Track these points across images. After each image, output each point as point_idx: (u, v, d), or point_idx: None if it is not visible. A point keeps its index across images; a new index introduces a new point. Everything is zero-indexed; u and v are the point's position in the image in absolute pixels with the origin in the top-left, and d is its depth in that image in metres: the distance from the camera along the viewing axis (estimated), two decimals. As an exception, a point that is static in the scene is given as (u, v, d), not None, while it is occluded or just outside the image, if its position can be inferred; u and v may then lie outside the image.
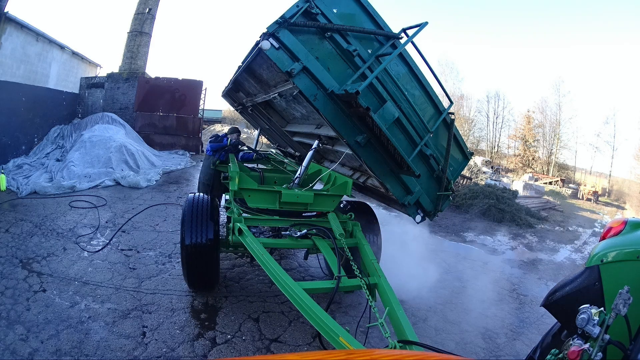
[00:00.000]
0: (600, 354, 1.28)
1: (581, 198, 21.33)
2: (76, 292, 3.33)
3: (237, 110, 7.53)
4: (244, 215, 3.25)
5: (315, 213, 3.63)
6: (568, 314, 1.65)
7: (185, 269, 3.22)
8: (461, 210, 10.17)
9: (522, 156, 31.32)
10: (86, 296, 3.28)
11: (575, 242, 8.76)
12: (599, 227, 11.61)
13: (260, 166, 5.65)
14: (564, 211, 14.12)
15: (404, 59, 3.04)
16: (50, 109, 10.90)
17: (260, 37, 2.56)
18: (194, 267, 3.15)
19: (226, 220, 3.44)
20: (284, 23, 2.51)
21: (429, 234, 6.97)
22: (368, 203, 4.40)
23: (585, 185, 23.53)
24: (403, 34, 2.94)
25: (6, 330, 2.67)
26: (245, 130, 24.55)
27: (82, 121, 11.55)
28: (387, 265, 3.59)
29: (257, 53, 3.03)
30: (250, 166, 5.30)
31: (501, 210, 9.71)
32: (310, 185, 3.79)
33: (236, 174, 3.32)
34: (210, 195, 3.46)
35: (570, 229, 10.59)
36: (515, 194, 12.48)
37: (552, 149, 31.07)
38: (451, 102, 3.46)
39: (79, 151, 8.75)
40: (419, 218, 3.53)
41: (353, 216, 3.52)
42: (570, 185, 24.13)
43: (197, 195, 3.41)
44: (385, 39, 2.92)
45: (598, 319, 1.34)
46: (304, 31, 2.63)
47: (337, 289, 2.42)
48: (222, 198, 4.91)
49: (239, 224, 2.99)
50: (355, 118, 2.85)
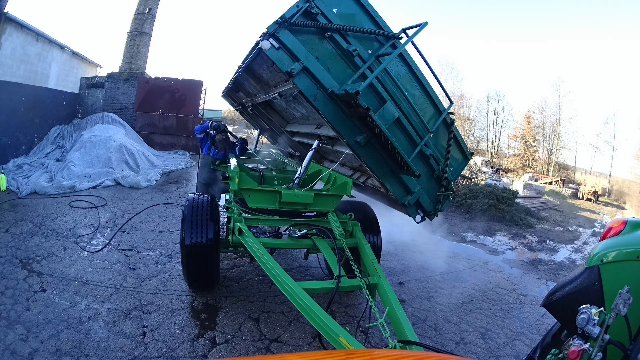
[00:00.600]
0: (600, 354, 1.28)
1: (581, 198, 21.33)
2: (76, 292, 3.33)
3: (237, 110, 7.53)
4: (244, 215, 3.25)
5: (315, 213, 3.63)
6: (568, 314, 1.65)
7: (185, 269, 3.22)
8: (461, 210, 10.18)
9: (522, 156, 31.32)
10: (86, 296, 3.28)
11: (575, 242, 8.76)
12: (599, 227, 11.61)
13: (260, 166, 5.65)
14: (564, 211, 14.12)
15: (404, 59, 3.04)
16: (50, 109, 10.90)
17: (260, 37, 2.56)
18: (194, 267, 3.15)
19: (226, 220, 3.44)
20: (284, 23, 2.51)
21: (430, 234, 6.98)
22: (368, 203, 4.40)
23: (585, 185, 23.51)
24: (403, 34, 2.94)
25: (6, 330, 2.67)
26: (245, 130, 24.57)
27: (82, 121, 11.55)
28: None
29: (257, 53, 3.03)
30: (250, 166, 5.30)
31: (501, 210, 9.72)
32: (310, 185, 3.79)
33: (236, 174, 3.31)
34: (209, 195, 3.46)
35: (570, 229, 10.59)
36: (515, 194, 12.48)
37: (552, 149, 31.08)
38: (451, 102, 3.46)
39: (79, 151, 8.75)
40: (419, 218, 3.53)
41: (353, 216, 3.52)
42: (570, 185, 24.13)
43: (197, 195, 3.41)
44: (385, 39, 2.92)
45: (598, 319, 1.34)
46: (304, 31, 2.63)
47: (337, 289, 2.42)
48: (221, 198, 4.91)
49: (239, 224, 2.99)
50: (355, 118, 2.84)
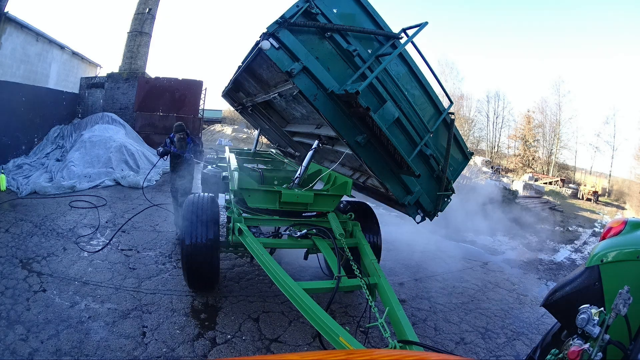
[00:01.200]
0: (600, 354, 1.28)
1: (581, 198, 21.33)
2: (76, 292, 3.33)
3: (237, 110, 7.53)
4: (244, 215, 3.25)
5: (315, 213, 3.63)
6: (568, 314, 1.65)
7: (185, 269, 3.22)
8: (461, 210, 10.16)
9: (522, 156, 31.31)
10: (86, 296, 3.28)
11: (575, 242, 8.76)
12: (599, 227, 11.61)
13: (260, 166, 5.65)
14: (564, 211, 14.11)
15: (404, 59, 3.03)
16: (50, 109, 10.90)
17: (260, 37, 2.56)
18: (194, 267, 3.15)
19: (226, 220, 3.44)
20: (284, 23, 2.51)
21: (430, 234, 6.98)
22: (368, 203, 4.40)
23: (585, 185, 23.51)
24: (403, 34, 2.94)
25: (6, 330, 2.67)
26: (245, 130, 24.56)
27: (82, 121, 11.55)
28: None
29: (257, 53, 3.03)
30: (250, 166, 5.29)
31: (501, 210, 9.72)
32: (310, 185, 3.79)
33: (236, 174, 3.32)
34: (209, 195, 3.46)
35: (570, 229, 10.59)
36: (515, 193, 12.48)
37: (552, 149, 31.07)
38: (451, 102, 3.46)
39: (79, 151, 8.75)
40: (418, 218, 3.53)
41: (353, 216, 3.52)
42: (570, 185, 24.13)
43: (197, 195, 3.41)
44: (385, 39, 2.92)
45: (598, 319, 1.35)
46: (304, 31, 2.63)
47: (337, 289, 2.42)
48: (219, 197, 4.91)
49: (239, 224, 2.99)
50: (355, 118, 2.84)
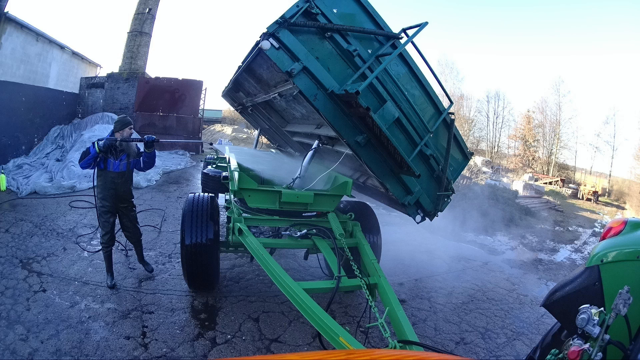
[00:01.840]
0: (600, 354, 1.28)
1: (581, 198, 21.33)
2: (76, 292, 3.33)
3: (237, 110, 7.53)
4: (244, 215, 3.25)
5: (315, 213, 3.63)
6: (568, 314, 1.65)
7: (185, 269, 3.22)
8: (461, 210, 10.16)
9: (522, 156, 31.31)
10: (86, 296, 3.28)
11: (575, 242, 8.76)
12: (599, 227, 11.61)
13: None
14: (564, 211, 14.12)
15: (404, 59, 3.03)
16: (50, 109, 10.91)
17: (260, 37, 2.56)
18: (194, 267, 3.16)
19: (226, 220, 3.44)
20: (284, 23, 2.51)
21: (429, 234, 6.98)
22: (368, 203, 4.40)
23: (585, 185, 23.51)
24: (403, 34, 2.94)
25: (6, 330, 2.67)
26: (245, 130, 24.55)
27: (82, 121, 11.56)
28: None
29: (257, 53, 3.03)
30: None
31: (501, 210, 9.72)
32: (310, 185, 3.78)
33: (236, 174, 3.32)
34: (209, 195, 3.46)
35: (570, 229, 10.59)
36: (515, 194, 12.49)
37: (552, 149, 31.06)
38: (451, 102, 3.46)
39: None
40: (419, 218, 3.53)
41: (353, 216, 3.52)
42: (570, 185, 24.13)
43: (197, 195, 3.41)
44: (385, 39, 2.92)
45: (598, 319, 1.35)
46: (304, 31, 2.63)
47: (337, 289, 2.42)
48: (220, 197, 4.91)
49: (239, 224, 2.99)
50: (355, 118, 2.84)
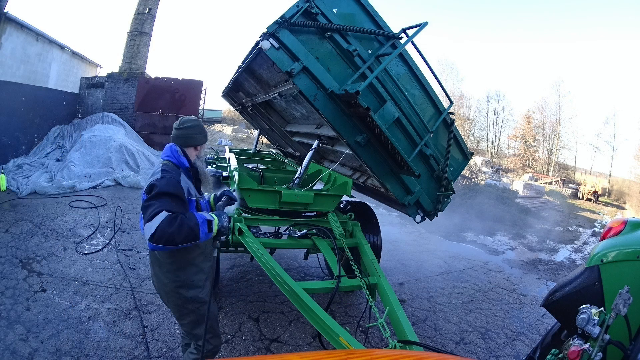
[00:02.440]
0: (600, 354, 1.28)
1: (581, 198, 21.35)
2: (76, 292, 3.33)
3: (237, 110, 7.53)
4: (244, 215, 3.25)
5: (315, 213, 3.63)
6: (568, 314, 1.65)
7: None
8: (461, 210, 10.17)
9: (522, 156, 31.33)
10: (86, 296, 3.28)
11: (575, 242, 8.76)
12: (599, 227, 11.61)
13: (260, 166, 5.65)
14: (564, 211, 14.12)
15: (404, 59, 3.03)
16: (50, 109, 10.90)
17: (260, 37, 2.56)
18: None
19: (226, 220, 3.43)
20: (284, 23, 2.51)
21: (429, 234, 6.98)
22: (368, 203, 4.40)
23: (585, 185, 23.52)
24: (403, 34, 2.94)
25: (6, 330, 2.67)
26: (245, 130, 24.56)
27: (82, 121, 11.55)
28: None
29: (257, 53, 3.03)
30: (250, 166, 5.29)
31: (501, 210, 9.73)
32: (310, 185, 3.78)
33: (236, 174, 3.32)
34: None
35: (570, 229, 10.59)
36: (515, 194, 12.49)
37: (552, 149, 31.09)
38: (451, 102, 3.45)
39: (79, 151, 8.75)
40: (418, 218, 3.53)
41: (353, 216, 3.52)
42: (570, 185, 24.15)
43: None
44: (385, 39, 2.92)
45: (598, 319, 1.35)
46: (304, 31, 2.63)
47: (337, 289, 2.42)
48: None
49: (239, 224, 2.98)
50: (355, 118, 2.84)
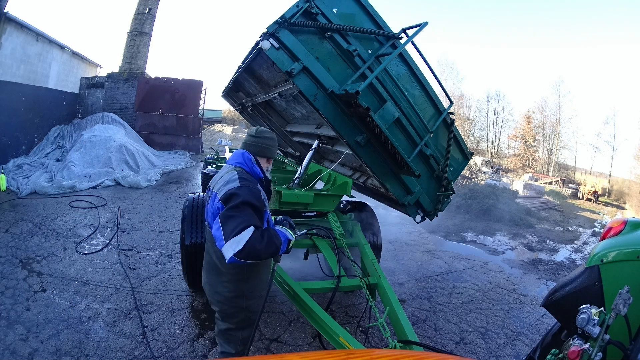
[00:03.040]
0: (600, 354, 1.28)
1: (581, 198, 21.35)
2: (76, 292, 3.33)
3: (237, 110, 7.53)
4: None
5: (315, 213, 3.63)
6: (568, 314, 1.65)
7: (185, 269, 3.22)
8: (461, 210, 10.17)
9: (522, 156, 31.33)
10: (86, 296, 3.28)
11: (575, 242, 8.76)
12: (599, 227, 11.61)
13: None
14: (564, 211, 14.12)
15: (404, 59, 3.03)
16: (50, 109, 10.91)
17: (260, 37, 2.56)
18: (194, 267, 3.15)
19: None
20: (284, 23, 2.51)
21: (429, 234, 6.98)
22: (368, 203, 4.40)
23: (585, 185, 23.52)
24: (403, 34, 2.94)
25: (6, 330, 2.67)
26: (245, 130, 24.58)
27: (82, 121, 11.56)
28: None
29: (257, 53, 3.03)
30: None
31: (501, 210, 9.73)
32: (310, 185, 3.79)
33: None
34: None
35: (570, 229, 10.59)
36: (515, 194, 12.49)
37: (552, 149, 31.09)
38: (451, 102, 3.45)
39: (79, 151, 8.75)
40: (418, 218, 3.53)
41: (353, 216, 3.52)
42: (570, 185, 24.15)
43: (197, 195, 3.41)
44: (385, 39, 2.92)
45: (598, 319, 1.35)
46: (304, 31, 2.63)
47: (337, 289, 2.42)
48: None
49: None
50: (355, 118, 2.84)
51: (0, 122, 8.32)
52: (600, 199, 22.25)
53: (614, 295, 1.33)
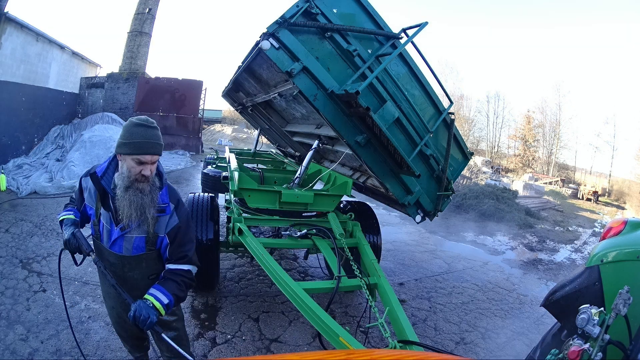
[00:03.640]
0: (600, 354, 1.29)
1: (581, 198, 21.34)
2: (76, 292, 3.33)
3: (237, 110, 7.53)
4: (244, 215, 3.25)
5: (315, 213, 3.63)
6: (568, 314, 1.65)
7: (185, 269, 3.21)
8: (461, 210, 10.17)
9: (522, 156, 31.34)
10: (86, 296, 3.28)
11: (575, 242, 8.76)
12: (599, 227, 11.61)
13: (260, 166, 5.65)
14: (564, 211, 14.12)
15: (404, 59, 3.03)
16: (50, 109, 10.91)
17: (260, 37, 2.56)
18: (194, 267, 3.15)
19: (226, 220, 3.44)
20: (284, 23, 2.51)
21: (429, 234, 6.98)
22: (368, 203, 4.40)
23: (585, 185, 23.52)
24: (403, 34, 2.93)
25: (6, 330, 2.67)
26: (245, 130, 24.58)
27: (82, 121, 11.55)
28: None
29: (257, 53, 3.02)
30: (250, 166, 5.29)
31: (501, 210, 9.73)
32: (310, 185, 3.79)
33: (236, 174, 3.32)
34: (209, 195, 3.46)
35: (570, 229, 10.59)
36: (515, 194, 12.49)
37: (552, 149, 31.10)
38: (451, 102, 3.45)
39: (79, 151, 8.75)
40: (418, 218, 3.53)
41: (353, 216, 3.52)
42: (570, 185, 24.15)
43: (197, 195, 3.41)
44: (385, 39, 2.92)
45: (598, 319, 1.35)
46: (304, 31, 2.63)
47: (337, 289, 2.42)
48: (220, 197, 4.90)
49: (239, 224, 2.98)
50: (355, 118, 2.84)
51: (0, 122, 8.32)
52: (600, 199, 22.25)
53: (614, 295, 1.33)
